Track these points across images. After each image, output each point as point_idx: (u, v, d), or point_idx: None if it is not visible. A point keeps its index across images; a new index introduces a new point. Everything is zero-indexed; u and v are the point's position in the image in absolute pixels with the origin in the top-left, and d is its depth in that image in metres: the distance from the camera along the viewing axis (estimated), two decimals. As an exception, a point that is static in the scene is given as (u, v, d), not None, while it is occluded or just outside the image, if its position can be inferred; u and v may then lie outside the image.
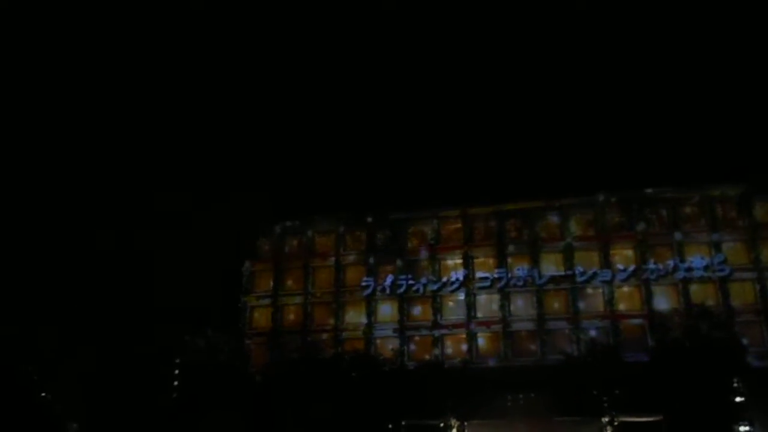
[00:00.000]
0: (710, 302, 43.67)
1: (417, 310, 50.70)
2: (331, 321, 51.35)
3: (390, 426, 31.94)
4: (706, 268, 46.15)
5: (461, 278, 50.14)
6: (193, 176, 54.37)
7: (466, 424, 32.02)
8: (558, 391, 32.97)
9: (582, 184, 49.64)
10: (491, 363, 47.26)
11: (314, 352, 43.28)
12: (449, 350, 48.98)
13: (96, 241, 51.70)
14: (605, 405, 29.98)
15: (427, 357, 48.06)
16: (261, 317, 52.96)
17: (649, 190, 48.84)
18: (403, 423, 31.12)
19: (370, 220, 53.17)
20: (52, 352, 43.36)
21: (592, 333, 45.99)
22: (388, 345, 49.16)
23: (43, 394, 42.06)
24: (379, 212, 52.99)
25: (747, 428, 33.72)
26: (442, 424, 31.29)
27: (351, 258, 53.00)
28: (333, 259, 53.12)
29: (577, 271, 48.12)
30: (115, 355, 44.74)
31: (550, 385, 35.46)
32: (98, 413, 41.20)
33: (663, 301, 46.50)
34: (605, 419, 29.36)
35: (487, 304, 49.68)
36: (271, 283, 53.54)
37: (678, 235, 47.76)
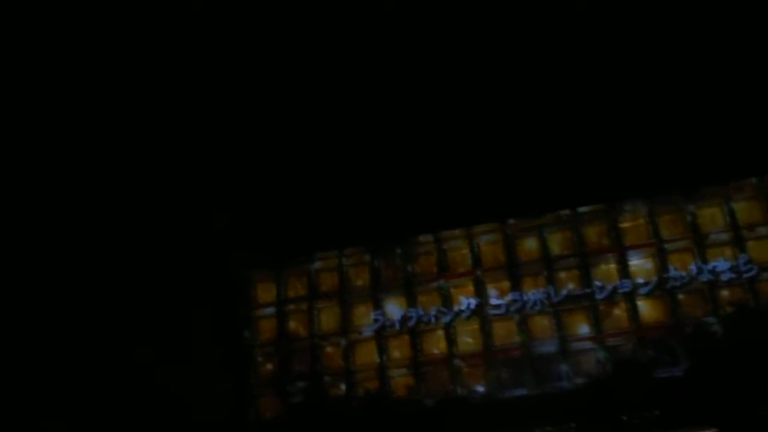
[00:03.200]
0: (742, 304, 40.86)
1: (430, 343, 47.93)
2: (341, 362, 48.57)
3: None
4: (731, 269, 43.52)
5: (473, 306, 47.48)
6: (187, 220, 51.95)
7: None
8: (592, 417, 30.24)
9: (593, 193, 47.19)
10: (515, 393, 44.45)
11: (324, 397, 40.44)
12: (468, 383, 46.24)
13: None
14: (644, 424, 27.17)
15: (445, 392, 45.16)
16: (266, 364, 50.22)
17: (662, 196, 46.53)
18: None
19: (373, 253, 50.67)
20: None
21: (618, 350, 43.29)
22: (402, 382, 46.37)
23: None
24: (382, 244, 50.51)
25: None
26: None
27: (357, 295, 50.35)
28: (338, 298, 50.49)
29: (595, 286, 45.58)
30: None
31: (582, 411, 32.70)
32: None
33: (690, 310, 43.88)
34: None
35: (504, 330, 47.01)
36: (275, 328, 50.86)
37: (698, 239, 45.28)
